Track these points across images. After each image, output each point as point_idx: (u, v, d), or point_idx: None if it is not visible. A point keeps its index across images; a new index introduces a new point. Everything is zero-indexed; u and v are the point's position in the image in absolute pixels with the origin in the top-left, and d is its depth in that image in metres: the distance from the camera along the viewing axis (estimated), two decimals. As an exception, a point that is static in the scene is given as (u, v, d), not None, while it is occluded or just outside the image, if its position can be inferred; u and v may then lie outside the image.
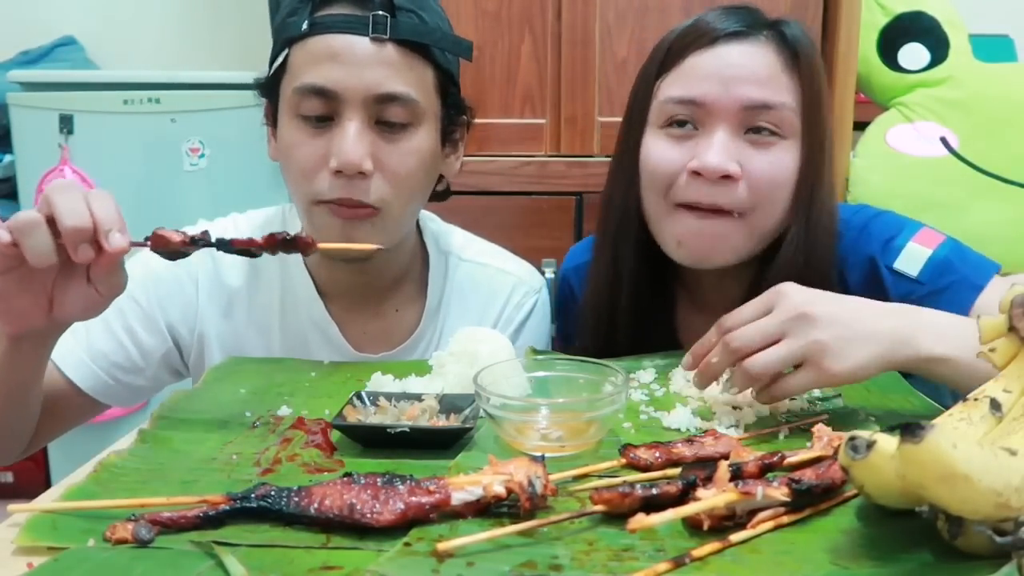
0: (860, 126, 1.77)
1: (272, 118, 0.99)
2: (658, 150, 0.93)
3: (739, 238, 0.93)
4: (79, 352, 0.98)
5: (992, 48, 1.93)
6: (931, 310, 0.76)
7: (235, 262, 1.05)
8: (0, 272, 0.71)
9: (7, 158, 2.10)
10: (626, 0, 1.62)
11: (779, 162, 0.91)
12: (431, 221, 1.14)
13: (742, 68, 0.90)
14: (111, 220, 0.69)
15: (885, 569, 0.52)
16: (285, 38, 0.94)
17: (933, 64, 1.75)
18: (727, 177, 0.89)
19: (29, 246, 0.68)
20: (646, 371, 0.91)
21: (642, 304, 1.01)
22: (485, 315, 1.11)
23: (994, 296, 0.86)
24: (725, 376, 0.79)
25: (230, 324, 1.04)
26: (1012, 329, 0.63)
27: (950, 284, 0.91)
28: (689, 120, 0.92)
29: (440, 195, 1.08)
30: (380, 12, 0.89)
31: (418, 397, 0.78)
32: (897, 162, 1.73)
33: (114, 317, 1.00)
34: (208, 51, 2.38)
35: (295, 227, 1.05)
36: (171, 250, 0.75)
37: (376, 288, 1.06)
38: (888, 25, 1.76)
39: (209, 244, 0.74)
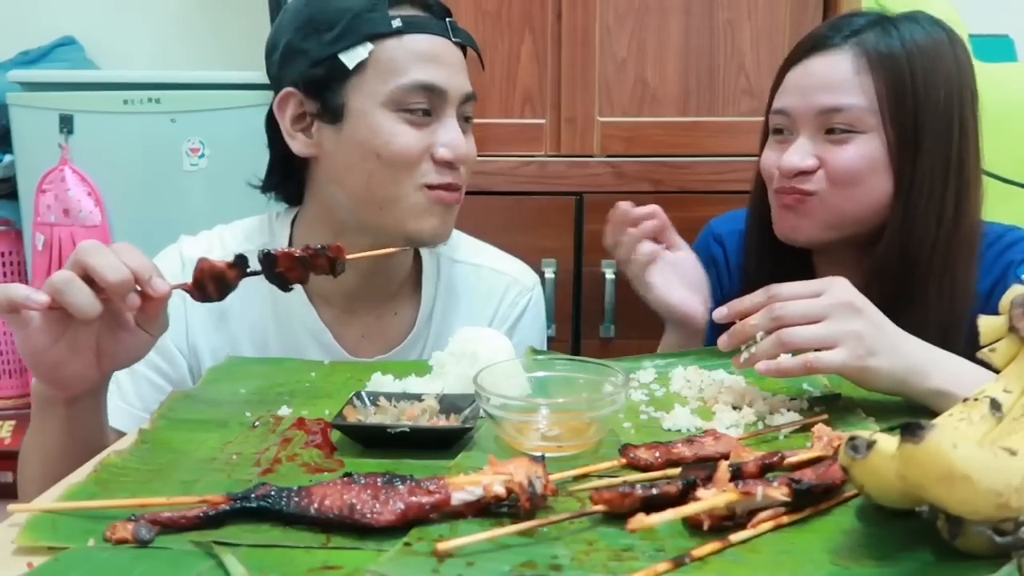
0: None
1: (316, 114, 0.97)
2: (764, 153, 1.08)
3: (818, 219, 1.02)
4: (121, 404, 0.97)
5: (992, 48, 1.92)
6: (953, 355, 0.79)
7: None
8: (51, 340, 0.73)
9: (7, 158, 2.09)
10: (626, 0, 1.62)
11: (855, 153, 0.99)
12: None
13: (817, 77, 1.01)
14: (147, 268, 0.73)
15: (885, 569, 0.52)
16: (368, 33, 0.94)
17: (933, 64, 1.74)
18: (803, 173, 1.01)
19: (71, 302, 0.70)
20: (646, 371, 0.91)
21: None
22: (480, 315, 1.11)
23: None
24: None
25: (224, 337, 1.03)
26: (1012, 329, 0.63)
27: None
28: (783, 128, 1.05)
29: None
30: (450, 19, 0.99)
31: (418, 397, 0.78)
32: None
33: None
34: (208, 51, 2.38)
35: (282, 236, 1.05)
36: (216, 286, 0.79)
37: (377, 293, 1.06)
38: (888, 25, 1.75)
39: (255, 273, 0.80)
